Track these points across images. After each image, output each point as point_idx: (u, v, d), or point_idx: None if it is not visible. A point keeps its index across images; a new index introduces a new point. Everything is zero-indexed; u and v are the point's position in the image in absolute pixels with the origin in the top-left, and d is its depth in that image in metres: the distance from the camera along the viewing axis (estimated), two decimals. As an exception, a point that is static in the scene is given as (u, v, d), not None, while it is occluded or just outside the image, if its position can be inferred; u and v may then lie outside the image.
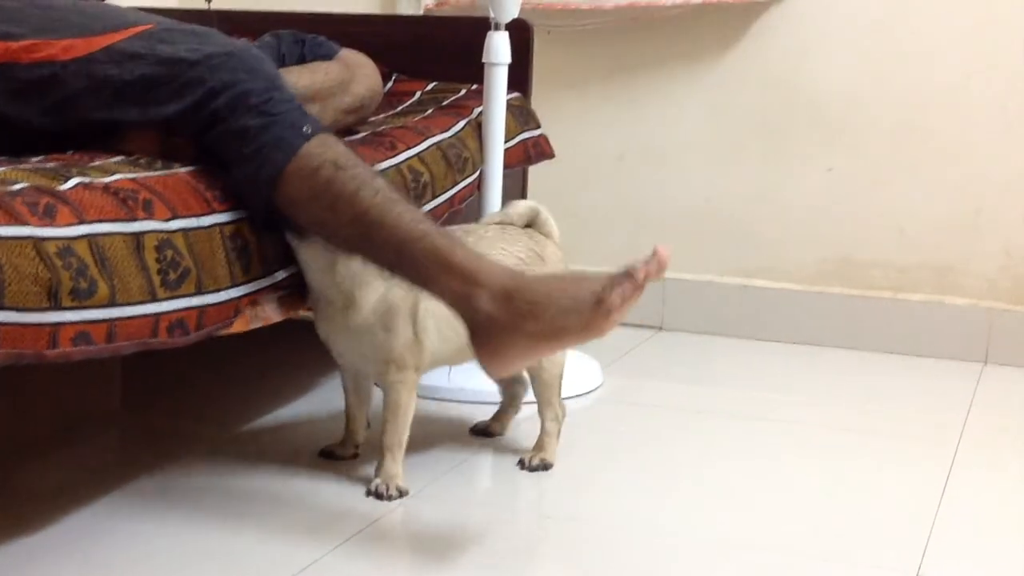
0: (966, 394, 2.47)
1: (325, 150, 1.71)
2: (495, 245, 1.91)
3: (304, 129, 1.72)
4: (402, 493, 1.82)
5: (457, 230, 1.92)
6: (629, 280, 1.50)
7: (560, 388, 2.00)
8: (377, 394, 1.93)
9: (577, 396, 2.33)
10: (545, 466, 1.98)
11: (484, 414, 2.15)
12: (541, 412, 2.00)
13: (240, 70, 1.76)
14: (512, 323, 1.55)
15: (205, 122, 1.74)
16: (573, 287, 1.54)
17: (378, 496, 1.82)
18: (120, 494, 1.81)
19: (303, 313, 1.90)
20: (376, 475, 1.85)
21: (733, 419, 2.29)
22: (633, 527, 1.78)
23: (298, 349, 2.65)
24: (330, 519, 1.75)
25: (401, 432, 1.84)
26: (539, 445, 2.00)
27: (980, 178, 2.71)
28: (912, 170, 2.75)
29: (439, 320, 1.82)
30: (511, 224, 2.02)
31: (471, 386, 2.25)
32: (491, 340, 1.58)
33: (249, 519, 1.74)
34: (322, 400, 2.30)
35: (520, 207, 2.06)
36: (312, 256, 1.78)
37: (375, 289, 1.80)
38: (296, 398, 2.30)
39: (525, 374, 2.05)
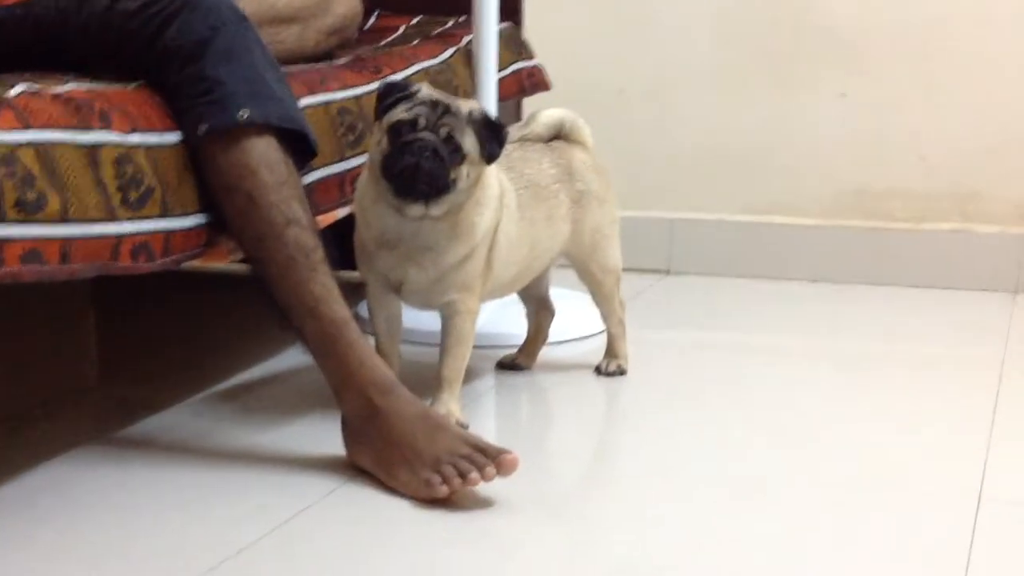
0: (1002, 324, 2.34)
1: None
2: (516, 183, 1.79)
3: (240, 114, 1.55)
4: (462, 427, 1.66)
5: None
6: (465, 481, 1.48)
7: (619, 293, 1.99)
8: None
9: (582, 338, 2.18)
10: (621, 371, 2.00)
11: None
12: (605, 320, 2.00)
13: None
14: (365, 435, 1.56)
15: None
16: (424, 442, 1.52)
17: None
18: (97, 452, 1.69)
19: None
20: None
21: (754, 357, 2.16)
22: (664, 466, 1.67)
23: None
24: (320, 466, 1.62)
25: (462, 363, 1.74)
26: (611, 352, 2.02)
27: (1005, 98, 2.58)
28: (931, 92, 2.62)
29: (509, 244, 1.76)
30: (532, 141, 1.88)
31: (498, 330, 2.13)
32: (348, 434, 1.59)
33: (236, 471, 1.62)
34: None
35: (542, 122, 1.91)
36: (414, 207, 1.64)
37: (490, 210, 1.69)
38: (279, 352, 2.13)
39: (552, 305, 2.02)
